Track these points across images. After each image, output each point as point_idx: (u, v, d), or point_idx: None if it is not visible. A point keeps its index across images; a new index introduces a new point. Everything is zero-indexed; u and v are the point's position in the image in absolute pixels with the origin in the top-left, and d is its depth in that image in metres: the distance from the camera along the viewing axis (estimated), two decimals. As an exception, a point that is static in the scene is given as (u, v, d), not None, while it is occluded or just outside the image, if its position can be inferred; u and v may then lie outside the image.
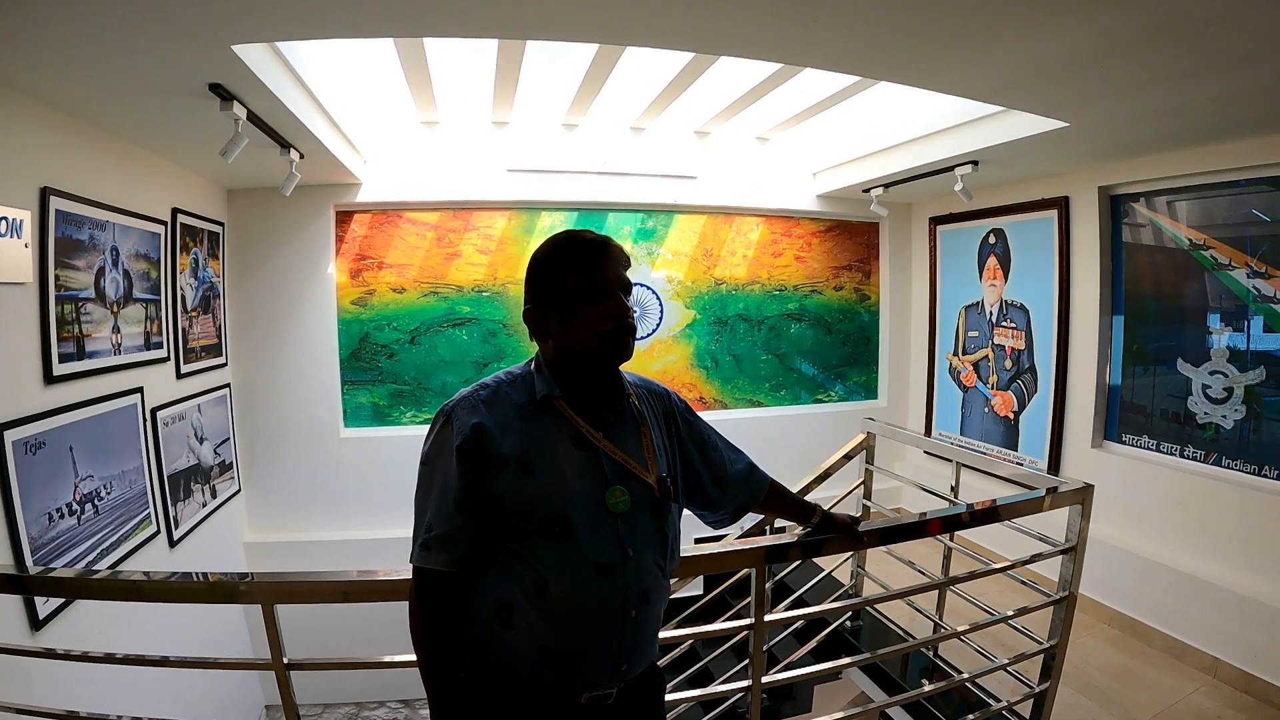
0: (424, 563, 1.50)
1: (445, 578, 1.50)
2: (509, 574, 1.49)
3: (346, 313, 5.36)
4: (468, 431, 1.49)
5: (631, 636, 1.54)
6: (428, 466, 1.54)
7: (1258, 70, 2.66)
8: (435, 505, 1.50)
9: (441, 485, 1.50)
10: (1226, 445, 4.00)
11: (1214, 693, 3.62)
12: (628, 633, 1.53)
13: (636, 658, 1.58)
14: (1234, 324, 3.95)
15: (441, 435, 1.53)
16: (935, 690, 3.09)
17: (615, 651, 1.53)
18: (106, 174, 3.41)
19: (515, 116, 5.27)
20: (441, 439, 1.52)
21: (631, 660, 1.56)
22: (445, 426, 1.53)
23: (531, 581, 1.47)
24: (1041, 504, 2.85)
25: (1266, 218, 3.78)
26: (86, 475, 3.20)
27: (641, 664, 1.61)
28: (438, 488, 1.51)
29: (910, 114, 4.65)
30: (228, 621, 4.48)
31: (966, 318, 5.88)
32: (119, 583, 2.27)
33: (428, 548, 1.49)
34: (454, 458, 1.48)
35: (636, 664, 1.59)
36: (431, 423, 1.56)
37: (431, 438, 1.55)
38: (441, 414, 1.55)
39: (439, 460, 1.52)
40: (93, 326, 3.27)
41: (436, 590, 1.51)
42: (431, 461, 1.53)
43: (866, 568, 4.11)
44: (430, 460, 1.54)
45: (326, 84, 3.72)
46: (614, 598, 1.50)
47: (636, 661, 1.59)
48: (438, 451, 1.53)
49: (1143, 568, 4.20)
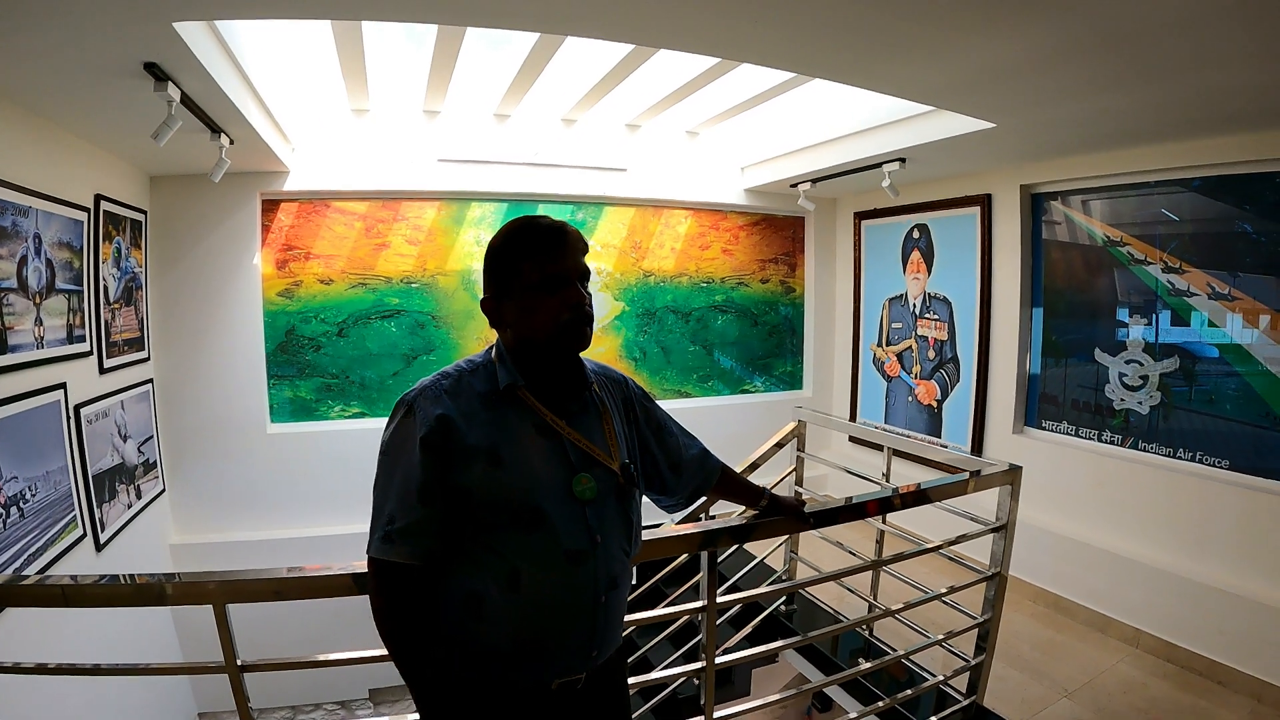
0: (385, 555, 1.45)
1: (408, 571, 1.46)
2: (479, 566, 1.48)
3: (272, 305, 5.20)
4: (432, 422, 1.46)
5: (602, 622, 1.57)
6: (388, 457, 1.50)
7: (1175, 81, 2.85)
8: (397, 497, 1.46)
9: (404, 476, 1.46)
10: (1142, 429, 4.25)
11: (1138, 662, 3.85)
12: (599, 619, 1.56)
13: (606, 643, 1.61)
14: (1148, 316, 4.21)
15: (404, 425, 1.49)
16: (874, 667, 3.20)
17: (587, 638, 1.55)
18: (28, 157, 3.23)
19: (448, 106, 5.21)
20: (404, 429, 1.49)
21: (602, 646, 1.59)
22: (407, 416, 1.49)
23: (503, 573, 1.47)
24: (969, 485, 2.96)
25: (1175, 216, 4.04)
26: (11, 477, 3.04)
27: (610, 649, 1.64)
28: (399, 479, 1.47)
29: (840, 111, 4.78)
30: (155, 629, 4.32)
31: (890, 310, 6.10)
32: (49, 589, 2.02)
33: (389, 540, 1.45)
34: (418, 449, 1.45)
35: (606, 649, 1.62)
36: (392, 412, 1.53)
37: (392, 427, 1.51)
38: (403, 403, 1.52)
39: (401, 451, 1.48)
40: (15, 319, 3.10)
41: (399, 584, 1.47)
42: (392, 452, 1.50)
43: (799, 552, 4.23)
44: (391, 450, 1.50)
45: (260, 67, 3.62)
46: (585, 585, 1.52)
47: (606, 647, 1.62)
48: (399, 441, 1.49)
49: (1065, 546, 4.44)
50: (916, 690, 3.25)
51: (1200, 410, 3.98)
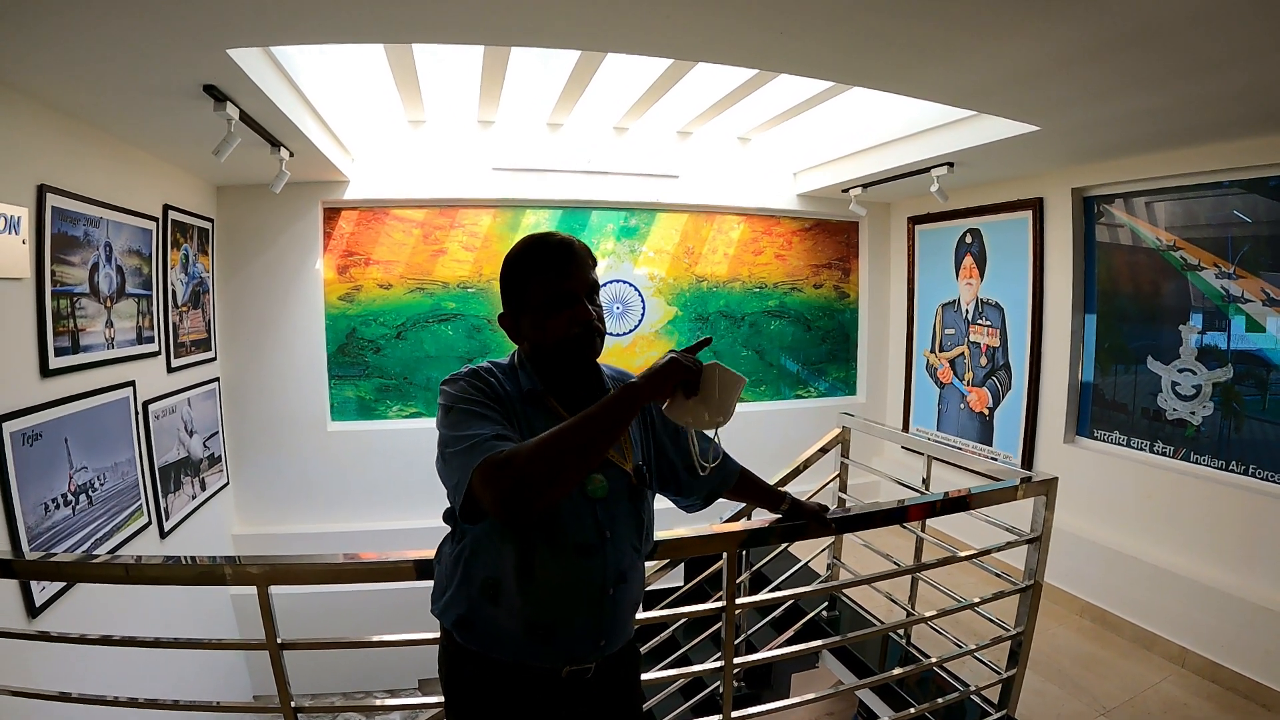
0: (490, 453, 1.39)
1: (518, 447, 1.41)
2: (498, 554, 1.56)
3: (334, 308, 5.43)
4: (489, 389, 1.56)
5: (610, 614, 1.64)
6: (457, 409, 1.52)
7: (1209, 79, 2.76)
8: (479, 424, 1.47)
9: (479, 415, 1.50)
10: (1195, 441, 4.11)
11: (1182, 681, 3.71)
12: (606, 610, 1.63)
13: (615, 635, 1.68)
14: (1204, 323, 4.06)
15: (465, 384, 1.57)
16: (905, 674, 3.19)
17: (595, 628, 1.63)
18: (100, 171, 3.47)
19: (501, 116, 5.35)
20: (467, 386, 1.56)
21: (610, 636, 1.66)
22: (468, 378, 1.58)
23: (517, 561, 1.55)
24: (1013, 494, 2.93)
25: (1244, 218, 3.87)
26: (81, 466, 3.27)
27: (619, 641, 1.71)
28: (475, 418, 1.49)
29: (888, 116, 4.75)
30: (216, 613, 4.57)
31: (943, 316, 6.01)
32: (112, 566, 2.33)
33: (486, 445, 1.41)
34: (486, 399, 1.54)
35: (615, 641, 1.69)
36: (445, 385, 1.58)
37: (455, 389, 1.56)
38: (455, 376, 1.59)
39: (469, 400, 1.53)
40: (87, 321, 3.34)
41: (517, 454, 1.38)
42: (460, 403, 1.53)
43: (843, 559, 4.22)
44: (458, 403, 1.53)
45: (316, 84, 3.80)
46: (594, 577, 1.60)
47: (615, 638, 1.68)
48: (465, 393, 1.55)
49: (1113, 560, 4.31)
50: (946, 700, 3.22)
51: (1255, 417, 3.84)
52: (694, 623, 3.92)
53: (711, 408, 1.58)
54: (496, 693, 1.62)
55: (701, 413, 1.58)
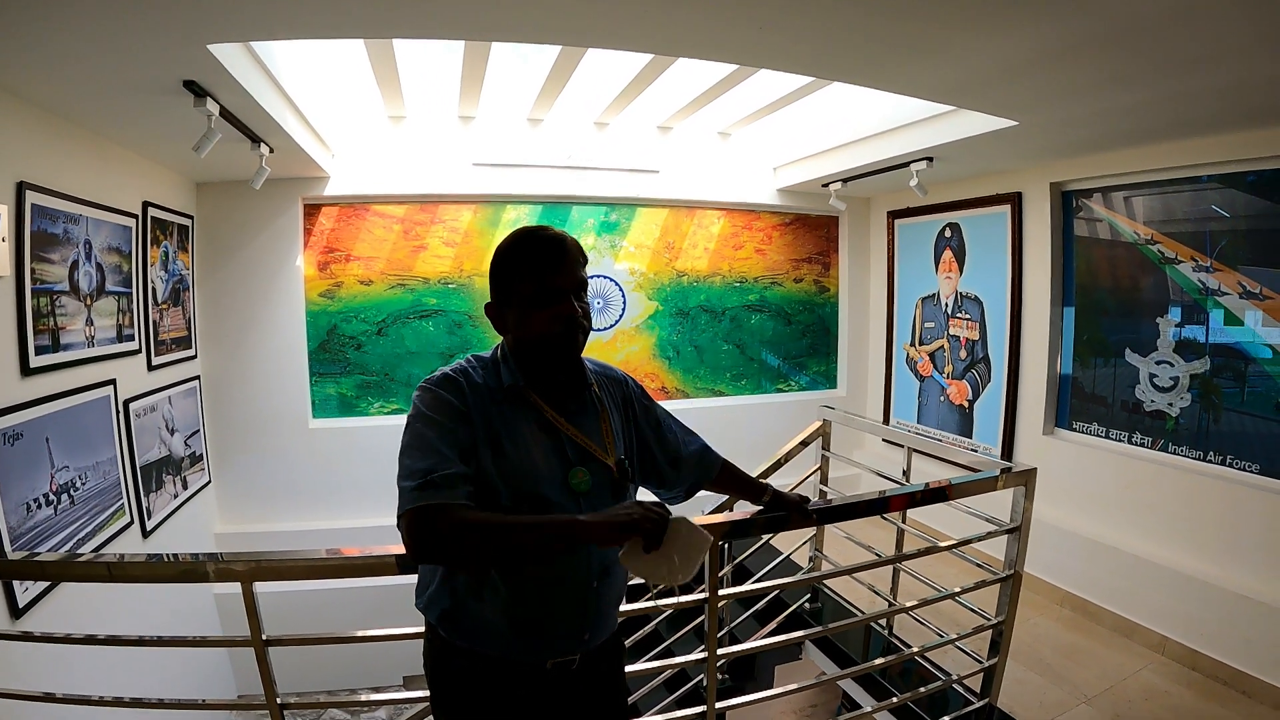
0: (428, 499, 1.41)
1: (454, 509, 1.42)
2: None
3: (314, 305, 5.41)
4: (458, 399, 1.55)
5: (594, 607, 1.67)
6: (419, 424, 1.53)
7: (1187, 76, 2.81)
8: (433, 455, 1.47)
9: (437, 437, 1.50)
10: (1173, 432, 4.18)
11: (1162, 669, 3.78)
12: (590, 603, 1.66)
13: (599, 628, 1.71)
14: (1182, 316, 4.12)
15: (434, 396, 1.56)
16: (887, 664, 3.23)
17: (579, 621, 1.65)
18: (80, 168, 3.44)
19: (481, 111, 5.34)
20: (434, 400, 1.55)
21: (594, 629, 1.69)
22: (439, 386, 1.57)
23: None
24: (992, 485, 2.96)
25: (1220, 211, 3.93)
26: (62, 466, 3.25)
27: (603, 634, 1.74)
28: (434, 439, 1.49)
29: (867, 111, 4.79)
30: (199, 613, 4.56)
31: (923, 309, 6.07)
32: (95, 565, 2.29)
33: (432, 485, 1.42)
34: (452, 417, 1.53)
35: (599, 634, 1.72)
36: (418, 392, 1.59)
37: (423, 401, 1.56)
38: (429, 382, 1.59)
39: (433, 417, 1.53)
40: (67, 319, 3.31)
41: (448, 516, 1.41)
42: (423, 419, 1.53)
43: (825, 551, 4.25)
44: (421, 418, 1.53)
45: (297, 80, 3.78)
46: (578, 571, 1.62)
47: (599, 631, 1.71)
48: (432, 408, 1.54)
49: (1093, 550, 4.38)
50: (929, 689, 3.26)
51: (1232, 409, 3.91)
52: (677, 615, 3.94)
53: (669, 568, 1.50)
54: (482, 686, 1.63)
55: (659, 569, 1.51)
